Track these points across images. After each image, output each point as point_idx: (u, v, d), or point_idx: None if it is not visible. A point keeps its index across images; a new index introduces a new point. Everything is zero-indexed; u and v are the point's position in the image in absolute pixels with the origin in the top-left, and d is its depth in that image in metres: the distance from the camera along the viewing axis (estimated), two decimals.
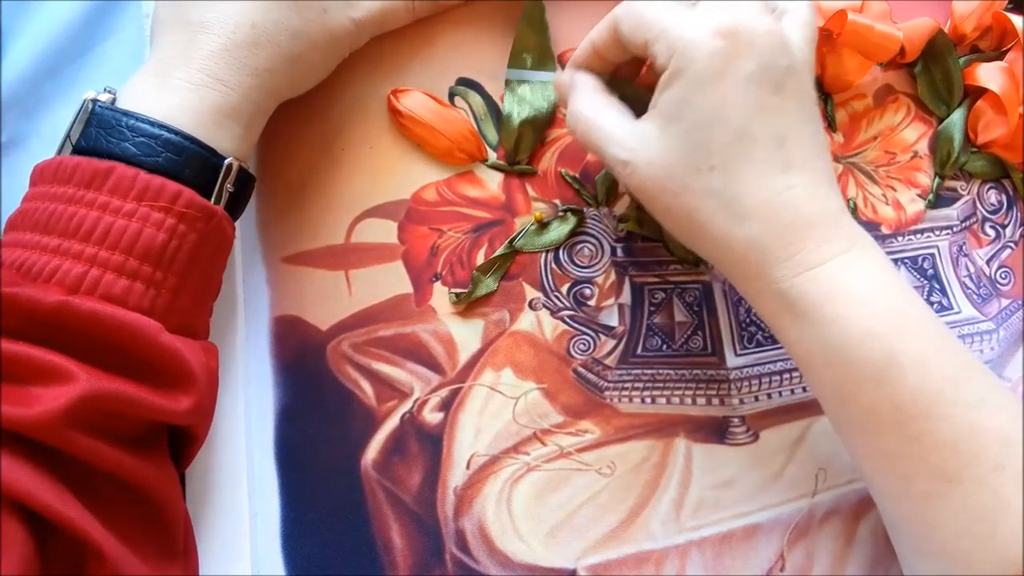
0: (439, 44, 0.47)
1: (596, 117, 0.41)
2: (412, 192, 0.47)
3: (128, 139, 0.38)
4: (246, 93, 0.40)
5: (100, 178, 0.37)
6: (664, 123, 0.39)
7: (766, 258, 0.38)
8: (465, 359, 0.46)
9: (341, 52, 0.44)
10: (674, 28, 0.38)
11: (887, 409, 0.37)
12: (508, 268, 0.47)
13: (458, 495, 0.45)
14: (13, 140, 0.46)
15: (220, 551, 0.43)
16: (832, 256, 0.38)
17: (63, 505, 0.34)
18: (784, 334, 0.40)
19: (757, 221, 0.38)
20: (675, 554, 0.45)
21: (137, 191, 0.37)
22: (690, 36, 0.38)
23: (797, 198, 0.38)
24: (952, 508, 0.37)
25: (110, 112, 0.38)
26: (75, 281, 0.36)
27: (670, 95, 0.38)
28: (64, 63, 0.47)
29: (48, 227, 0.37)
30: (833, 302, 0.37)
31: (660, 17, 0.39)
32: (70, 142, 0.39)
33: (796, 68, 0.39)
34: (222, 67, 0.39)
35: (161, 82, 0.39)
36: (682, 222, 0.40)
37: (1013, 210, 0.51)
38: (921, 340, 0.38)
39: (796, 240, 0.38)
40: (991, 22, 0.51)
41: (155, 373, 0.37)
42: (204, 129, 0.39)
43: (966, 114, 0.50)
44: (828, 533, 0.46)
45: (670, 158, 0.39)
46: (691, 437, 0.46)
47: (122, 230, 0.36)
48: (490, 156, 0.47)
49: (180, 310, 0.38)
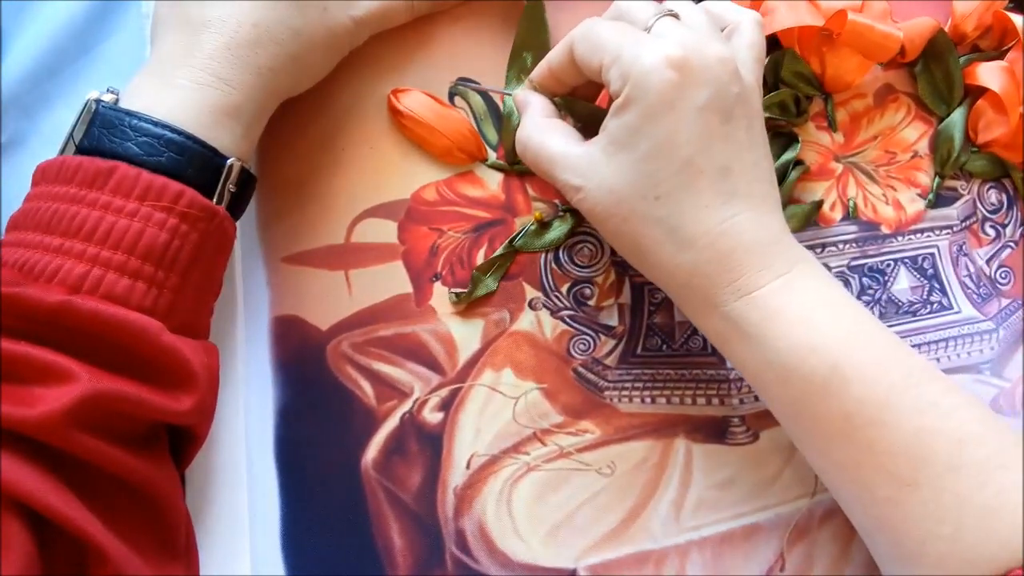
0: (439, 44, 0.47)
1: (543, 141, 0.42)
2: (412, 192, 0.47)
3: (131, 139, 0.38)
4: (248, 92, 0.40)
5: (102, 178, 0.37)
6: (614, 149, 0.40)
7: (709, 283, 0.40)
8: (465, 359, 0.46)
9: (341, 50, 0.44)
10: (628, 55, 0.39)
11: (838, 419, 0.38)
12: (508, 268, 0.47)
13: (458, 495, 0.45)
14: (13, 140, 0.46)
15: (220, 551, 0.43)
16: (771, 279, 0.39)
17: (65, 505, 0.34)
18: (733, 356, 0.41)
19: (699, 249, 0.39)
20: (675, 554, 0.45)
21: (139, 191, 0.37)
22: (643, 66, 0.38)
23: (739, 227, 0.39)
24: (914, 512, 0.37)
25: (113, 112, 0.38)
26: (77, 281, 0.36)
27: (621, 122, 0.39)
28: (64, 63, 0.47)
29: (50, 227, 0.37)
30: (774, 321, 0.39)
31: (615, 42, 0.40)
32: (73, 142, 0.39)
33: (745, 94, 0.40)
34: (224, 66, 0.39)
35: (163, 82, 0.39)
36: (628, 247, 0.41)
37: (1013, 210, 0.51)
38: (864, 351, 0.38)
39: (737, 266, 0.39)
40: (992, 21, 0.51)
41: (157, 373, 0.37)
42: (206, 129, 0.39)
43: (966, 114, 0.50)
44: (828, 533, 0.46)
45: (618, 184, 0.40)
46: (691, 437, 0.46)
47: (124, 230, 0.36)
48: (490, 156, 0.47)
49: (182, 310, 0.38)
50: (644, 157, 0.39)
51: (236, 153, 0.40)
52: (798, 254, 0.40)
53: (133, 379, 0.36)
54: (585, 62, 0.41)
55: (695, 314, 0.41)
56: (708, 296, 0.40)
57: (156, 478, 0.38)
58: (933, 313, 0.49)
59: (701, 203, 0.39)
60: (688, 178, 0.39)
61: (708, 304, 0.40)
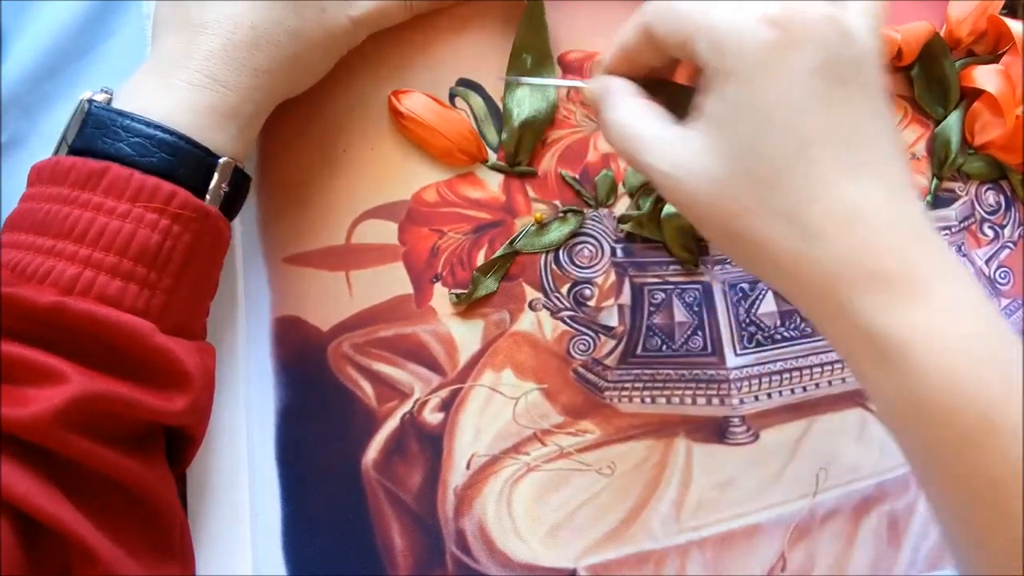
0: (439, 45, 0.47)
1: (631, 123, 0.37)
2: (412, 193, 0.47)
3: (123, 139, 0.37)
4: (245, 94, 0.40)
5: (95, 178, 0.37)
6: (712, 130, 0.34)
7: (843, 285, 0.32)
8: (465, 359, 0.46)
9: (339, 50, 0.44)
10: (716, 20, 0.34)
11: (983, 482, 0.31)
12: (508, 269, 0.47)
13: (458, 495, 0.45)
14: (13, 140, 0.46)
15: (220, 551, 0.42)
16: (922, 291, 0.32)
17: (53, 506, 0.33)
18: (864, 377, 0.34)
19: (827, 241, 0.32)
20: (675, 554, 0.45)
21: (132, 192, 0.37)
22: (735, 28, 0.33)
23: (873, 211, 0.32)
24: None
25: (105, 112, 0.38)
26: (69, 282, 0.36)
27: (717, 98, 0.34)
28: (64, 63, 0.47)
29: (43, 228, 0.37)
30: (925, 347, 0.31)
31: (699, 9, 0.34)
32: (66, 142, 0.38)
33: (861, 58, 0.33)
34: (221, 68, 0.39)
35: (159, 82, 0.39)
36: (740, 245, 0.35)
37: (1011, 211, 0.51)
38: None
39: (876, 261, 0.32)
40: (986, 26, 0.51)
41: (149, 373, 0.37)
42: (200, 129, 0.39)
43: (963, 116, 0.50)
44: (829, 533, 0.46)
45: (722, 171, 0.34)
46: (691, 437, 0.46)
47: (116, 231, 0.36)
48: (490, 157, 0.47)
49: (175, 311, 0.38)
50: (749, 134, 0.33)
51: (231, 153, 0.40)
52: (949, 258, 0.33)
53: (126, 380, 0.36)
54: (667, 38, 0.35)
55: (823, 323, 0.34)
56: (841, 302, 0.33)
57: (149, 478, 0.37)
58: None
59: (826, 181, 0.33)
60: (804, 152, 0.33)
61: (840, 312, 0.33)
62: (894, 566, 0.46)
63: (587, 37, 0.48)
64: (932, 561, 0.46)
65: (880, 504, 0.46)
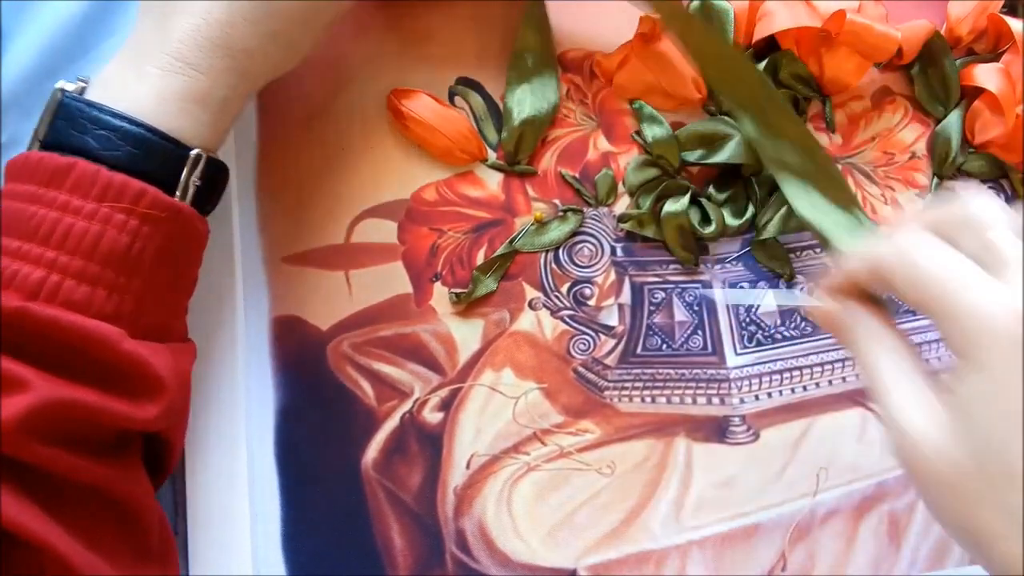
0: (439, 44, 0.47)
1: (884, 373, 0.35)
2: (412, 192, 0.47)
3: (89, 132, 0.36)
4: (218, 76, 0.38)
5: (60, 176, 0.35)
6: (958, 414, 0.33)
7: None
8: (465, 359, 0.46)
9: (324, 24, 0.42)
10: (969, 307, 0.32)
11: None
12: (508, 268, 0.47)
13: (458, 495, 0.45)
14: (13, 140, 0.46)
15: (220, 551, 0.42)
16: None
17: (23, 516, 0.32)
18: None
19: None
20: (676, 554, 0.45)
21: (98, 190, 0.35)
22: (989, 321, 0.31)
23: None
24: None
25: (75, 103, 0.37)
26: (35, 286, 0.34)
27: (966, 383, 0.32)
28: (64, 63, 0.46)
29: (9, 228, 0.35)
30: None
31: (947, 285, 0.32)
32: (37, 137, 0.37)
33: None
34: (192, 50, 0.37)
35: (131, 70, 0.38)
36: (960, 527, 0.33)
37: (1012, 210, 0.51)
38: None
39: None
40: (986, 24, 0.51)
41: (119, 380, 0.35)
42: (170, 118, 0.37)
43: (963, 115, 0.50)
44: (829, 533, 0.46)
45: (958, 455, 0.32)
46: (691, 437, 0.46)
47: (82, 233, 0.35)
48: (490, 156, 0.47)
49: (147, 313, 0.37)
50: (995, 429, 0.31)
51: (203, 143, 0.38)
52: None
53: (94, 387, 0.35)
54: (908, 298, 0.34)
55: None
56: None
57: (122, 481, 0.36)
58: None
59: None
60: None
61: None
62: (894, 566, 0.46)
63: (587, 36, 0.48)
64: (932, 561, 0.46)
65: (880, 504, 0.46)
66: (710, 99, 0.48)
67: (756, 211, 0.48)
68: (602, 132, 0.48)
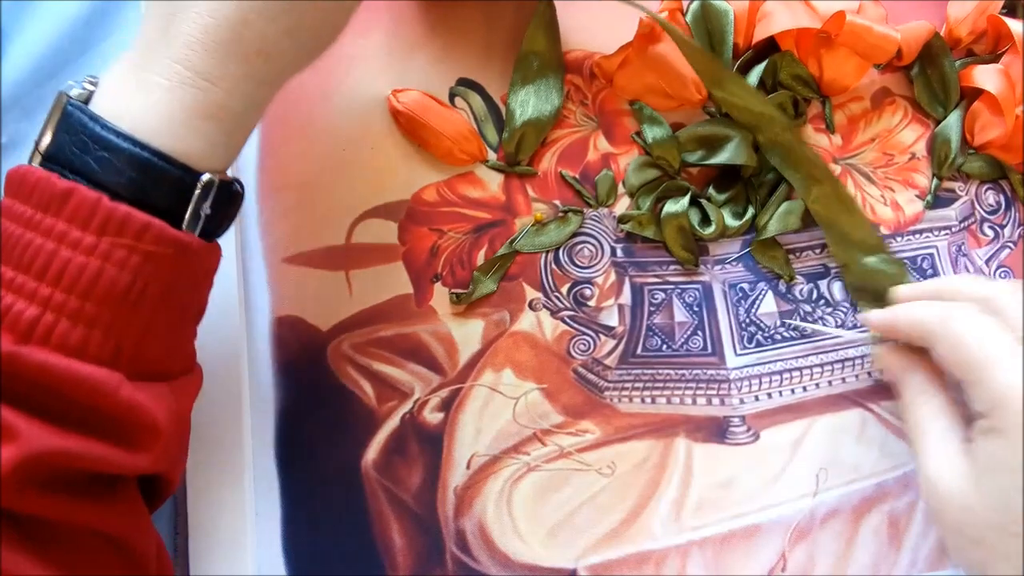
0: (439, 44, 0.47)
1: (922, 421, 0.41)
2: (412, 192, 0.47)
3: (90, 152, 0.33)
4: (233, 85, 0.34)
5: (58, 202, 0.32)
6: (978, 466, 0.38)
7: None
8: (465, 359, 0.46)
9: (347, 14, 0.38)
10: (998, 375, 0.37)
11: None
12: (508, 268, 0.47)
13: (458, 495, 0.45)
14: (13, 140, 0.46)
15: (221, 551, 0.42)
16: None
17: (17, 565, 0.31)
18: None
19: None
20: (676, 554, 0.45)
21: (99, 222, 0.32)
22: (1013, 393, 0.36)
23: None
24: None
25: (77, 115, 0.33)
26: (27, 326, 0.31)
27: (987, 449, 0.37)
28: (64, 63, 0.47)
29: (4, 253, 0.32)
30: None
31: (984, 356, 0.37)
32: (38, 149, 0.34)
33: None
34: (203, 56, 0.33)
35: (136, 79, 0.34)
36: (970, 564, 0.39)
37: (1011, 211, 0.51)
38: None
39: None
40: (986, 25, 0.51)
41: (114, 428, 0.33)
42: (176, 139, 0.33)
43: (963, 116, 0.50)
44: (829, 533, 0.46)
45: (977, 505, 0.37)
46: (691, 437, 0.46)
47: (80, 269, 0.32)
48: (490, 157, 0.47)
49: (149, 352, 0.34)
50: (1008, 489, 0.36)
51: (216, 164, 0.35)
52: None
53: (87, 435, 0.32)
54: (946, 360, 0.39)
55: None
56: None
57: (118, 516, 0.34)
58: None
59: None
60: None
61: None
62: (894, 566, 0.46)
63: (587, 36, 0.48)
64: (932, 561, 0.46)
65: (880, 504, 0.46)
66: (710, 100, 0.48)
67: (756, 212, 0.48)
68: (602, 133, 0.48)
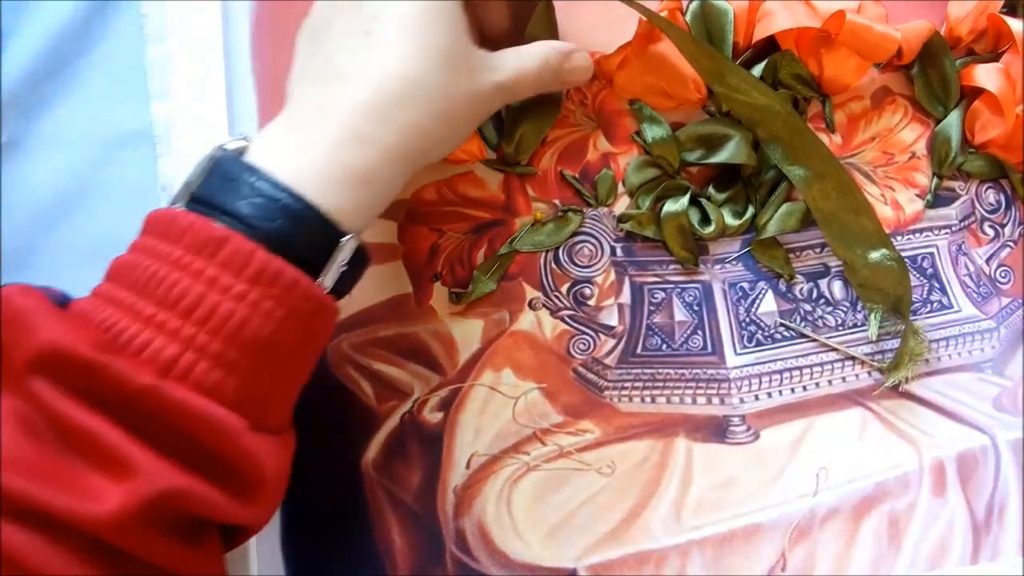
0: None
1: None
2: (412, 192, 0.47)
3: (245, 196, 0.34)
4: (387, 153, 0.36)
5: (212, 247, 0.33)
6: None
7: None
8: (465, 359, 0.46)
9: (480, 117, 0.41)
10: None
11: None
12: (508, 268, 0.47)
13: (458, 495, 0.45)
14: (13, 140, 0.46)
15: None
16: None
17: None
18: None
19: None
20: (676, 554, 0.45)
21: (252, 272, 0.33)
22: None
23: None
24: None
25: (234, 164, 0.35)
26: (168, 362, 0.32)
27: None
28: (63, 63, 0.47)
29: (147, 290, 0.33)
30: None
31: None
32: (189, 189, 0.35)
33: None
34: (366, 121, 0.36)
35: (295, 137, 0.36)
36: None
37: (1012, 210, 0.51)
38: None
39: None
40: (986, 24, 0.51)
41: (229, 475, 0.33)
42: (330, 196, 0.35)
43: (963, 115, 0.50)
44: (830, 533, 0.46)
45: None
46: (691, 437, 0.46)
47: (227, 315, 0.32)
48: (490, 156, 0.47)
49: (271, 406, 0.35)
50: None
51: (357, 225, 0.36)
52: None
53: (203, 477, 0.33)
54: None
55: None
56: None
57: (201, 565, 0.34)
58: (933, 312, 0.49)
59: None
60: None
61: None
62: (894, 566, 0.46)
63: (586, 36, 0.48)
64: (932, 561, 0.46)
65: (880, 504, 0.46)
66: (710, 99, 0.48)
67: (756, 211, 0.48)
68: (602, 132, 0.48)
